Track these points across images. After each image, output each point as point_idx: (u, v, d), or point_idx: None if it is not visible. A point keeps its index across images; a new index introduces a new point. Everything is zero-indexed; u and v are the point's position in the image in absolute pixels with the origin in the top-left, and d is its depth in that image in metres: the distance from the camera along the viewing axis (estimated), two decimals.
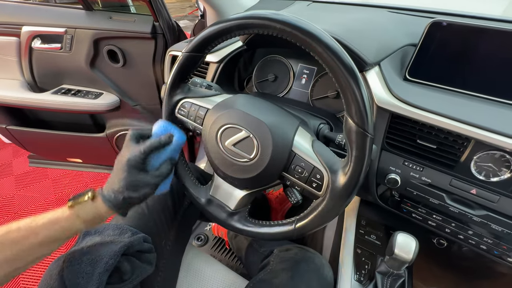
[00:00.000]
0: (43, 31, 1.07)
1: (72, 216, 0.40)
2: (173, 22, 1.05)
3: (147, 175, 0.43)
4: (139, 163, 0.42)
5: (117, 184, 0.41)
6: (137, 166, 0.42)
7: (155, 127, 0.48)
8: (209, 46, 0.43)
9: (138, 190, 0.42)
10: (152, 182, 0.43)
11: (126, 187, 0.41)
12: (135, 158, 0.41)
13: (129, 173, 0.41)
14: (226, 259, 0.99)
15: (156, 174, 0.44)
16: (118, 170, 0.42)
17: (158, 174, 0.44)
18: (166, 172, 0.45)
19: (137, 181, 0.42)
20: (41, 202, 1.44)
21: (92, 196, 0.42)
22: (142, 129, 0.47)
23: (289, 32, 0.34)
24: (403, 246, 0.44)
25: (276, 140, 0.40)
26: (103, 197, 0.42)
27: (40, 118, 1.35)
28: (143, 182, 0.42)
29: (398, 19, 0.71)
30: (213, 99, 0.50)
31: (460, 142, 0.45)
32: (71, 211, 0.41)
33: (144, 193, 0.42)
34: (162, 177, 0.45)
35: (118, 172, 0.42)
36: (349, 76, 0.33)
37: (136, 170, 0.42)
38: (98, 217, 0.42)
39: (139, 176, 0.42)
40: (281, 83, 0.76)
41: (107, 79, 1.16)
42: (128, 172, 0.41)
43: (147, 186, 0.43)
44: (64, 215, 0.40)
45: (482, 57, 0.49)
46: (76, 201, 0.41)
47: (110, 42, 1.06)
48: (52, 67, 1.15)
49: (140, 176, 0.42)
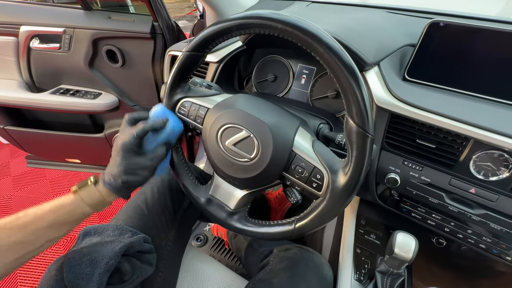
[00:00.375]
0: (41, 31, 1.07)
1: (77, 200, 0.42)
2: (172, 22, 1.05)
3: (142, 158, 0.44)
4: (134, 146, 0.43)
5: (115, 168, 0.43)
6: (132, 149, 0.43)
7: (152, 110, 0.49)
8: (210, 46, 0.43)
9: (135, 173, 0.43)
10: (148, 164, 0.44)
11: (123, 171, 0.42)
12: (129, 141, 0.43)
13: (124, 157, 0.43)
14: (226, 259, 0.99)
15: (151, 157, 0.45)
16: (114, 154, 0.43)
17: (153, 156, 0.45)
18: (161, 154, 0.46)
19: (133, 164, 0.43)
20: (39, 203, 1.42)
21: (94, 181, 0.44)
22: (138, 112, 0.48)
23: (290, 32, 0.34)
24: (402, 245, 0.44)
25: (277, 140, 0.40)
26: (103, 181, 0.43)
27: (38, 118, 1.34)
28: (139, 165, 0.44)
29: (396, 19, 0.71)
30: (213, 98, 0.50)
31: (459, 142, 0.45)
32: (75, 195, 0.42)
33: (142, 176, 0.44)
34: (157, 160, 0.46)
35: (114, 157, 0.43)
36: (350, 77, 0.33)
37: (131, 154, 0.43)
38: (102, 201, 0.43)
39: (134, 159, 0.43)
40: (281, 83, 0.76)
41: (106, 79, 1.15)
42: (123, 157, 0.43)
43: (143, 169, 0.44)
44: (69, 199, 0.42)
45: (480, 57, 0.49)
46: (80, 186, 0.43)
47: (109, 42, 1.05)
48: (51, 67, 1.15)
49: (136, 160, 0.43)
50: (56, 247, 1.23)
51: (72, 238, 1.27)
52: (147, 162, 0.44)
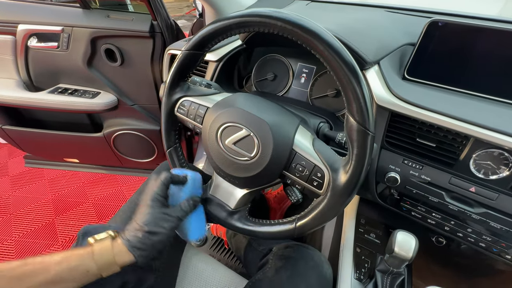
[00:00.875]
0: (39, 30, 1.06)
1: (87, 253, 0.36)
2: (171, 21, 1.04)
3: (168, 209, 0.42)
4: (160, 195, 0.41)
5: (139, 217, 0.40)
6: (158, 199, 0.41)
7: None
8: (209, 44, 0.43)
9: (159, 224, 0.39)
10: (172, 214, 0.41)
11: (146, 221, 0.39)
12: (157, 189, 0.41)
13: (151, 206, 0.40)
14: (225, 258, 0.98)
15: (176, 208, 0.42)
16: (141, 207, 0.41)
17: (178, 208, 0.43)
18: (186, 206, 0.43)
19: (158, 213, 0.40)
20: (37, 203, 1.42)
21: (114, 235, 0.39)
22: None
23: (290, 30, 0.34)
24: (403, 244, 0.44)
25: (277, 139, 0.40)
26: (122, 236, 0.39)
27: (36, 117, 1.33)
28: (164, 217, 0.40)
29: (396, 18, 0.71)
30: (212, 97, 0.50)
31: (459, 141, 0.45)
32: (87, 248, 0.37)
33: (165, 227, 0.40)
34: (183, 212, 0.43)
35: (140, 208, 0.41)
36: (350, 75, 0.32)
37: (157, 203, 0.41)
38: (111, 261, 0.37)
39: (160, 209, 0.41)
40: (280, 82, 0.76)
41: (104, 78, 1.15)
42: (150, 206, 0.40)
43: (167, 220, 0.40)
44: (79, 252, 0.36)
45: (480, 56, 0.49)
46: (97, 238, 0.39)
47: (108, 41, 1.05)
48: (49, 66, 1.14)
49: (161, 210, 0.41)
50: (55, 247, 1.22)
51: (71, 237, 1.26)
52: (171, 213, 0.41)
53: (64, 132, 1.26)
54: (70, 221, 1.34)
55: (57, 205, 1.42)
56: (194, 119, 0.48)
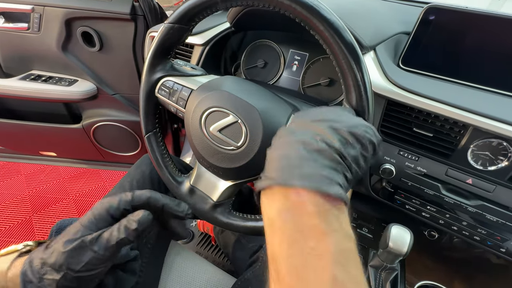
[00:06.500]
0: (6, 8, 0.96)
1: None
2: (154, 3, 0.97)
3: None
4: None
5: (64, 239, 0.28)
6: None
7: None
8: (195, 18, 0.38)
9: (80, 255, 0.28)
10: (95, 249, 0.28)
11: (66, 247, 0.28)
12: None
13: None
14: (213, 255, 0.95)
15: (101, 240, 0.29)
16: None
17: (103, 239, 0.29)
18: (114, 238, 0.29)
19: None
20: (13, 200, 1.33)
21: (26, 250, 0.30)
22: None
23: (287, 5, 0.30)
24: (397, 238, 0.43)
25: (267, 127, 0.36)
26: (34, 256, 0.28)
27: (7, 107, 1.23)
28: None
29: (391, 6, 0.70)
30: (198, 79, 0.45)
31: (457, 130, 0.43)
32: None
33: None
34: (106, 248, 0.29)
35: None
36: (352, 60, 0.30)
37: None
38: None
39: None
40: (271, 70, 0.72)
41: (81, 65, 1.06)
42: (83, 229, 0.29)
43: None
44: None
45: (478, 46, 0.47)
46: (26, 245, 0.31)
47: (84, 23, 0.96)
48: (19, 50, 1.04)
49: None
50: None
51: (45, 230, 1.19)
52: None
53: (39, 123, 1.17)
54: (49, 219, 1.26)
55: (35, 202, 1.33)
56: (177, 102, 0.44)
